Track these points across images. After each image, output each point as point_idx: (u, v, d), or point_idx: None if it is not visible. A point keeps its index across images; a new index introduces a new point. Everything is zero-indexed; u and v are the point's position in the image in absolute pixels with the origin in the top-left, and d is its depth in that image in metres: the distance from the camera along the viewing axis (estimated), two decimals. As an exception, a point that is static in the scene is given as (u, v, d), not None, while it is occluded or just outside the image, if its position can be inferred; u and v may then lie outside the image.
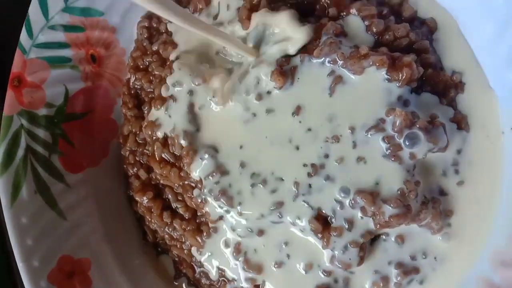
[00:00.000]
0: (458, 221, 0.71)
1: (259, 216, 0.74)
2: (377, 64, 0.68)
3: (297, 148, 0.72)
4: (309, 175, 0.71)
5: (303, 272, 0.74)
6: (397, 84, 0.68)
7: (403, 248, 0.72)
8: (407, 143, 0.67)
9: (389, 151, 0.68)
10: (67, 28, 0.86)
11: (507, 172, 0.70)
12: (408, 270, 0.72)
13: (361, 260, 0.71)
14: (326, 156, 0.71)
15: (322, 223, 0.71)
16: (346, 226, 0.70)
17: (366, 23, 0.73)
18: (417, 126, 0.67)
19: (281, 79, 0.72)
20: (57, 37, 0.86)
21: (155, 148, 0.81)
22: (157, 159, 0.81)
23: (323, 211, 0.71)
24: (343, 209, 0.70)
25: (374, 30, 0.73)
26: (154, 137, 0.81)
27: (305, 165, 0.72)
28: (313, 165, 0.71)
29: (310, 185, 0.71)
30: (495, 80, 0.71)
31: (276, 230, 0.76)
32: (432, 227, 0.70)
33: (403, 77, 0.68)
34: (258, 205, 0.74)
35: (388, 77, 0.68)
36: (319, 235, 0.71)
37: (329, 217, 0.71)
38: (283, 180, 0.73)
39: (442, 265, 0.71)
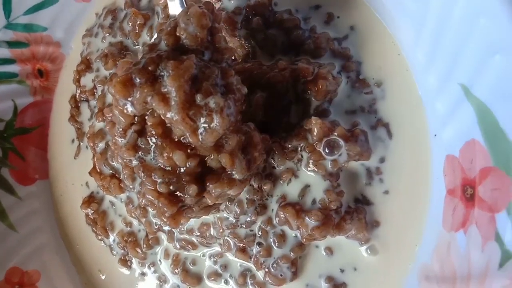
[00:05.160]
0: (385, 232, 0.67)
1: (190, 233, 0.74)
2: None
3: None
4: None
5: (237, 285, 0.73)
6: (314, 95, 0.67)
7: (332, 260, 0.69)
8: (327, 151, 0.65)
9: (311, 160, 0.66)
10: (11, 44, 0.88)
11: (435, 181, 0.65)
12: (338, 284, 0.69)
13: (294, 275, 0.69)
14: None
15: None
16: (277, 243, 0.68)
17: None
18: (335, 134, 0.65)
19: None
20: (2, 53, 0.87)
21: (95, 160, 0.81)
22: (98, 170, 0.81)
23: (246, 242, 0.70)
24: (272, 226, 0.69)
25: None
26: (96, 148, 0.82)
27: None
28: None
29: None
30: (418, 84, 0.67)
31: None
32: (359, 238, 0.67)
33: (320, 89, 0.66)
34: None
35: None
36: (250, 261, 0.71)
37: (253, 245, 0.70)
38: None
39: (371, 279, 0.68)
